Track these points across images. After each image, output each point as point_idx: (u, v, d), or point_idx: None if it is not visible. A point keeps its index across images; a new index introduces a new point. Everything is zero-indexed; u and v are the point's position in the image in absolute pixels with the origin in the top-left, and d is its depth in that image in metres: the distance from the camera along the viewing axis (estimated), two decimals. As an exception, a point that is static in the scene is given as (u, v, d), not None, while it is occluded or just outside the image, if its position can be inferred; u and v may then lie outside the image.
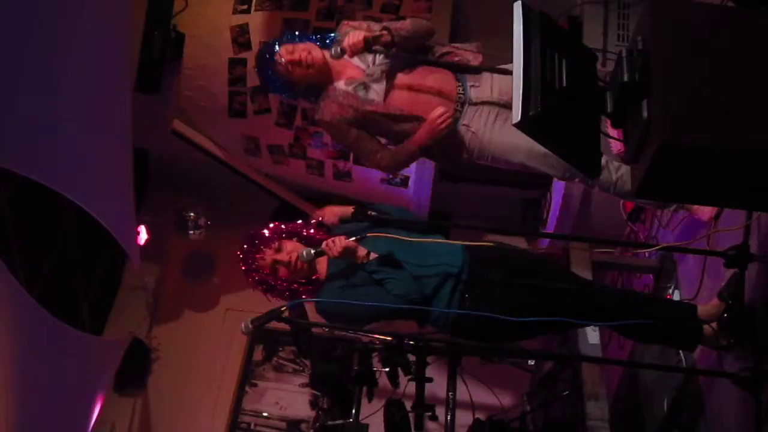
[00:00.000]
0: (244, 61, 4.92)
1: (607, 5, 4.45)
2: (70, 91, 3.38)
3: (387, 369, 3.22)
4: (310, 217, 3.41)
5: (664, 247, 3.58)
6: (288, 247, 3.18)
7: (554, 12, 2.77)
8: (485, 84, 3.43)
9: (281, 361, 5.50)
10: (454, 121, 3.35)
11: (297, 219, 3.41)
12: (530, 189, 5.46)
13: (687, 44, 2.27)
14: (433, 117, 3.31)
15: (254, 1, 4.91)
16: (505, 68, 3.20)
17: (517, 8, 2.43)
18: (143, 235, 5.11)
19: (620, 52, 2.31)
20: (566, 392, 3.58)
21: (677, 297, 3.74)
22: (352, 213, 3.27)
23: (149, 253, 5.19)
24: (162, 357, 5.46)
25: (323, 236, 3.24)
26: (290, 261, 3.14)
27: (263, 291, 3.24)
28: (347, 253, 3.07)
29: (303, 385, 5.38)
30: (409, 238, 3.11)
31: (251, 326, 2.84)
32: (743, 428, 3.00)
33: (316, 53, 3.36)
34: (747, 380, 2.87)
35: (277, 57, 3.36)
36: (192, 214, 5.32)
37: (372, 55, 3.42)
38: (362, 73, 3.42)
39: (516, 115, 2.32)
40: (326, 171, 5.18)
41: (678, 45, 2.26)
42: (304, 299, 3.14)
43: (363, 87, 3.39)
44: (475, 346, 3.21)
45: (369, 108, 3.37)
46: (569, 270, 3.60)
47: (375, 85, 3.39)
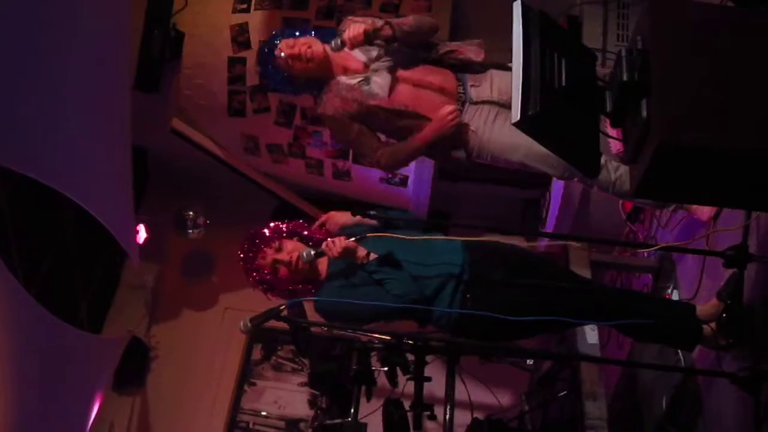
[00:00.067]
0: (244, 60, 4.92)
1: (607, 5, 4.45)
2: (70, 91, 3.38)
3: (386, 368, 3.22)
4: (315, 221, 3.40)
5: (663, 247, 3.57)
6: (288, 247, 3.18)
7: (554, 12, 2.77)
8: (485, 83, 3.43)
9: (280, 360, 5.50)
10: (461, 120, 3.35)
11: (297, 218, 3.41)
12: (529, 188, 5.46)
13: (686, 44, 2.26)
14: (443, 114, 3.31)
15: (254, 0, 4.91)
16: (510, 65, 3.20)
17: (517, 8, 2.43)
18: (142, 234, 5.12)
19: (620, 52, 2.31)
20: (565, 392, 3.58)
21: (676, 297, 3.74)
22: (352, 213, 3.27)
23: (148, 252, 5.19)
24: (161, 356, 5.46)
25: (323, 236, 3.24)
26: (291, 260, 3.14)
27: (263, 290, 3.24)
28: (347, 254, 3.07)
29: (302, 384, 5.38)
30: (410, 237, 3.11)
31: (250, 325, 2.83)
32: (742, 428, 2.99)
33: (317, 47, 3.36)
34: (745, 380, 2.87)
35: (278, 51, 3.36)
36: (191, 213, 5.32)
37: (375, 50, 3.42)
38: (363, 66, 3.42)
39: (515, 115, 2.32)
40: (325, 170, 5.18)
41: (677, 45, 2.26)
42: (303, 298, 3.14)
43: (367, 81, 3.39)
44: (474, 346, 3.21)
45: (373, 102, 3.37)
46: (568, 269, 3.60)
47: (379, 80, 3.39)
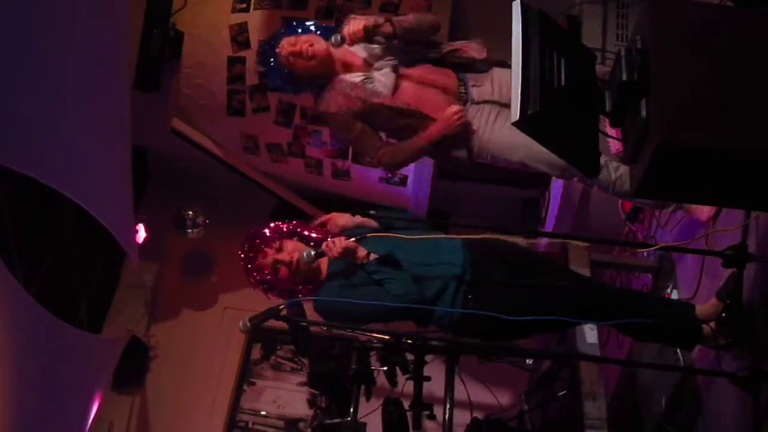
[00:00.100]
0: (243, 60, 4.92)
1: (606, 5, 4.45)
2: (70, 90, 3.38)
3: (385, 368, 3.22)
4: (314, 220, 3.40)
5: (663, 247, 3.57)
6: (289, 247, 3.18)
7: (553, 11, 2.76)
8: (487, 83, 3.43)
9: (279, 360, 5.50)
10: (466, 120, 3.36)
11: (296, 218, 3.41)
12: (529, 188, 5.46)
13: (686, 44, 2.26)
14: (449, 114, 3.32)
15: (253, 0, 4.91)
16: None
17: (516, 7, 2.43)
18: (142, 234, 5.11)
19: (619, 52, 2.31)
20: (564, 391, 3.58)
21: (675, 297, 3.73)
22: (351, 213, 3.27)
23: (148, 252, 5.18)
24: (160, 355, 5.46)
25: (324, 236, 3.24)
26: (291, 261, 3.14)
27: (264, 290, 3.24)
28: (347, 254, 3.07)
29: (301, 384, 5.38)
30: (410, 236, 3.11)
31: (249, 324, 2.83)
32: (741, 428, 2.99)
33: (319, 45, 3.36)
34: (745, 380, 2.87)
35: (279, 49, 3.36)
36: (191, 213, 5.32)
37: (378, 49, 3.42)
38: (363, 62, 3.42)
39: (514, 114, 2.32)
40: (325, 170, 5.18)
41: (677, 44, 2.26)
42: (302, 298, 3.14)
43: (370, 80, 3.39)
44: (473, 345, 3.21)
45: (377, 100, 3.37)
46: (567, 268, 3.60)
47: (383, 79, 3.38)
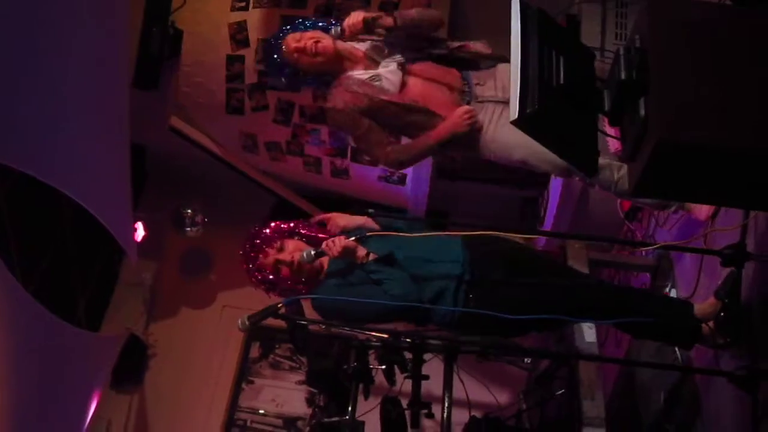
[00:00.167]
0: (242, 58, 4.92)
1: (605, 4, 4.45)
2: (69, 89, 3.38)
3: (383, 366, 3.22)
4: (313, 219, 3.40)
5: (662, 246, 3.58)
6: (290, 247, 3.17)
7: (552, 10, 2.75)
8: (490, 81, 3.43)
9: (278, 358, 5.50)
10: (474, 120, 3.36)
11: (295, 216, 3.41)
12: (528, 187, 5.45)
13: (685, 42, 2.26)
14: (459, 113, 3.32)
15: (252, -1, 4.92)
16: None
17: (515, 6, 2.43)
18: (140, 232, 5.12)
19: (618, 50, 2.31)
20: (562, 390, 3.58)
21: (674, 295, 3.74)
22: (351, 213, 3.27)
23: (146, 250, 5.19)
24: (159, 354, 5.46)
25: (324, 235, 3.24)
26: (292, 260, 3.13)
27: (265, 290, 3.23)
28: (347, 253, 3.07)
29: (299, 383, 5.38)
30: (409, 234, 3.11)
31: (248, 323, 2.83)
32: (740, 427, 2.99)
33: (326, 43, 3.36)
34: (743, 379, 2.87)
35: (284, 45, 3.36)
36: (189, 211, 5.32)
37: (381, 44, 3.42)
38: (363, 55, 3.42)
39: (513, 113, 2.33)
40: (324, 168, 5.18)
41: (676, 43, 2.26)
42: (301, 296, 3.13)
43: (378, 77, 3.38)
44: (472, 344, 3.21)
45: (384, 97, 3.36)
46: (566, 266, 3.61)
47: (390, 76, 3.38)
